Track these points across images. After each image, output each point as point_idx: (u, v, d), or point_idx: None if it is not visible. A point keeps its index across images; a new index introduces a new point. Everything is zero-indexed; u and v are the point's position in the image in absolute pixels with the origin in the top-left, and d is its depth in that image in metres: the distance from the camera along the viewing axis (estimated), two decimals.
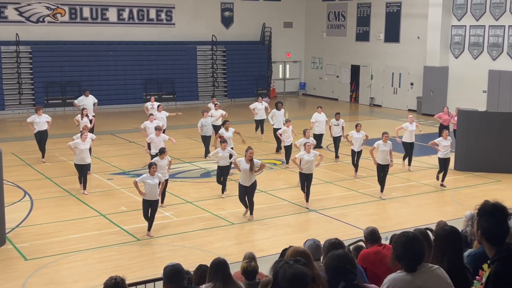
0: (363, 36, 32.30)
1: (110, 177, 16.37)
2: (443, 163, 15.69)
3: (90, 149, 15.50)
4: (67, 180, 15.58)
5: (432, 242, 4.84)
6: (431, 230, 6.15)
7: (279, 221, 12.99)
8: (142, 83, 30.55)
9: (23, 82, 28.11)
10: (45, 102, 28.16)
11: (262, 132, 21.58)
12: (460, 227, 5.60)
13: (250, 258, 6.59)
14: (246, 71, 33.14)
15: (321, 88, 35.17)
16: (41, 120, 17.98)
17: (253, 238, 11.97)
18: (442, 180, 15.76)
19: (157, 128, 15.79)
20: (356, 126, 16.69)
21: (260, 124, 21.54)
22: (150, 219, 11.88)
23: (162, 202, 13.34)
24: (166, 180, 13.29)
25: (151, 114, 18.22)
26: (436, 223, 7.09)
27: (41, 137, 18.04)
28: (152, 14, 31.24)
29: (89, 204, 13.95)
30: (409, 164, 17.43)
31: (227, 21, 33.47)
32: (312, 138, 16.00)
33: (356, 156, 16.64)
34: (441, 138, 15.86)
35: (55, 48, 28.63)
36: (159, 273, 5.57)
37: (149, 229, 11.90)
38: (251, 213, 12.98)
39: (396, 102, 30.44)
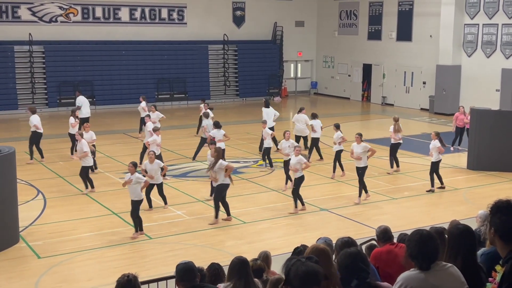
0: (375, 34, 32.18)
1: (123, 176, 16.39)
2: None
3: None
4: (80, 179, 15.62)
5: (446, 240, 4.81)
6: (444, 229, 6.12)
7: (291, 220, 12.99)
8: (154, 83, 30.66)
9: (36, 81, 28.30)
10: (58, 101, 28.38)
11: None
12: (473, 226, 5.56)
13: (262, 257, 6.58)
14: (257, 70, 33.13)
15: (332, 87, 35.10)
16: None
17: (265, 237, 11.96)
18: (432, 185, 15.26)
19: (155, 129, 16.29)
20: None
21: None
22: None
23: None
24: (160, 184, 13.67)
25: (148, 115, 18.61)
26: (449, 222, 7.06)
27: None
28: (164, 13, 31.33)
29: (102, 202, 14.03)
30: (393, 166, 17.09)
31: (238, 21, 33.48)
32: (293, 141, 15.48)
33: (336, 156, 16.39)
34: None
35: (67, 47, 28.79)
36: (172, 271, 5.59)
37: None
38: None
39: (408, 101, 30.30)
